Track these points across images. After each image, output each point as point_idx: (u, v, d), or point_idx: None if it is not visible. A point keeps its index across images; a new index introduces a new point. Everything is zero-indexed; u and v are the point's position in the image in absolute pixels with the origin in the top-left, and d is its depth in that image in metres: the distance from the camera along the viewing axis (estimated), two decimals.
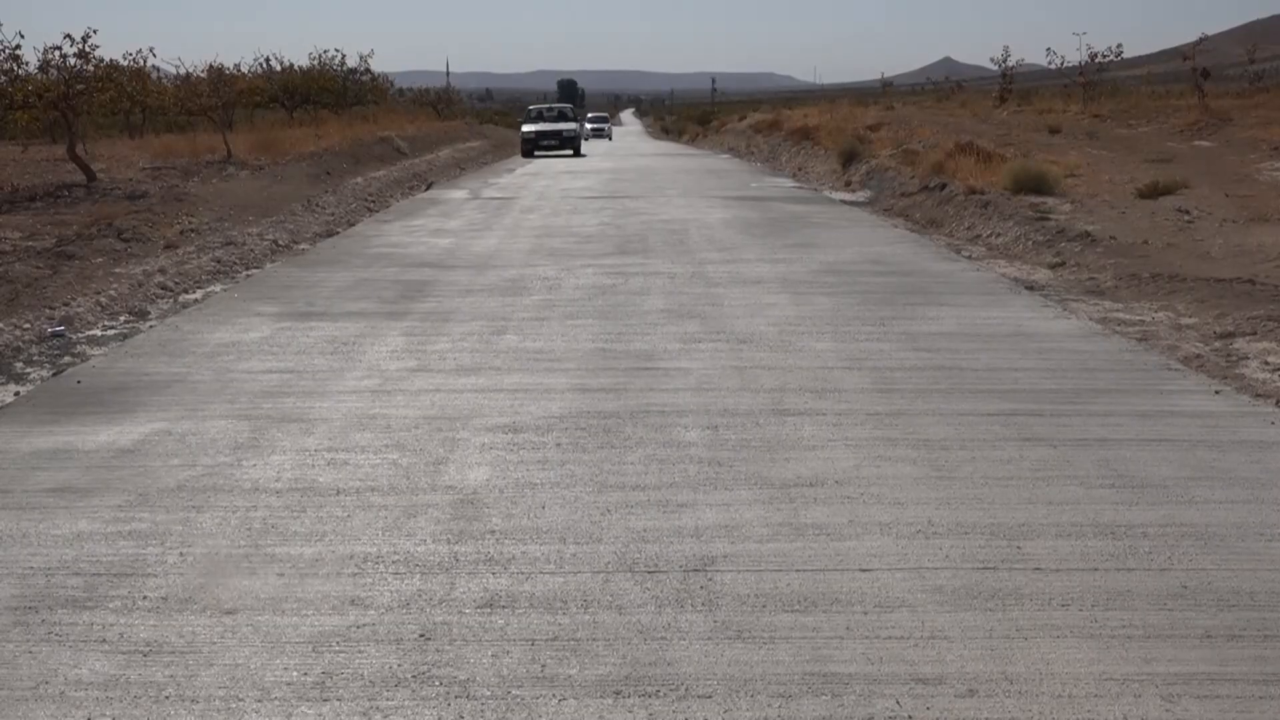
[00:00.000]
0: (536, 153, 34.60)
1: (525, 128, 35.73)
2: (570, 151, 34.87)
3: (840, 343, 7.17)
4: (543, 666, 3.21)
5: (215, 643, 3.39)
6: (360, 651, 3.32)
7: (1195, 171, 14.60)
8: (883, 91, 44.33)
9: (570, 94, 52.37)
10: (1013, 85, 32.73)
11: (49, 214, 13.08)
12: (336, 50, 37.95)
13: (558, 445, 5.20)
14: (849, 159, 20.50)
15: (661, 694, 3.07)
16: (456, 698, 3.07)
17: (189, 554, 4.04)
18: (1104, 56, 29.96)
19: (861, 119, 26.91)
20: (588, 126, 57.04)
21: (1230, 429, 5.32)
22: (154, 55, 21.89)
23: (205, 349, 7.33)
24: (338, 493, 4.63)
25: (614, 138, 60.09)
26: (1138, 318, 7.92)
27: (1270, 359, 6.60)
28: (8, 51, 16.33)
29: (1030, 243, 11.18)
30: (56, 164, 19.66)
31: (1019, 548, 3.99)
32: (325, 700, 3.07)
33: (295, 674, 3.20)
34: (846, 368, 6.54)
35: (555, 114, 38.64)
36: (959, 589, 3.67)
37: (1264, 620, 3.45)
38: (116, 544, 4.14)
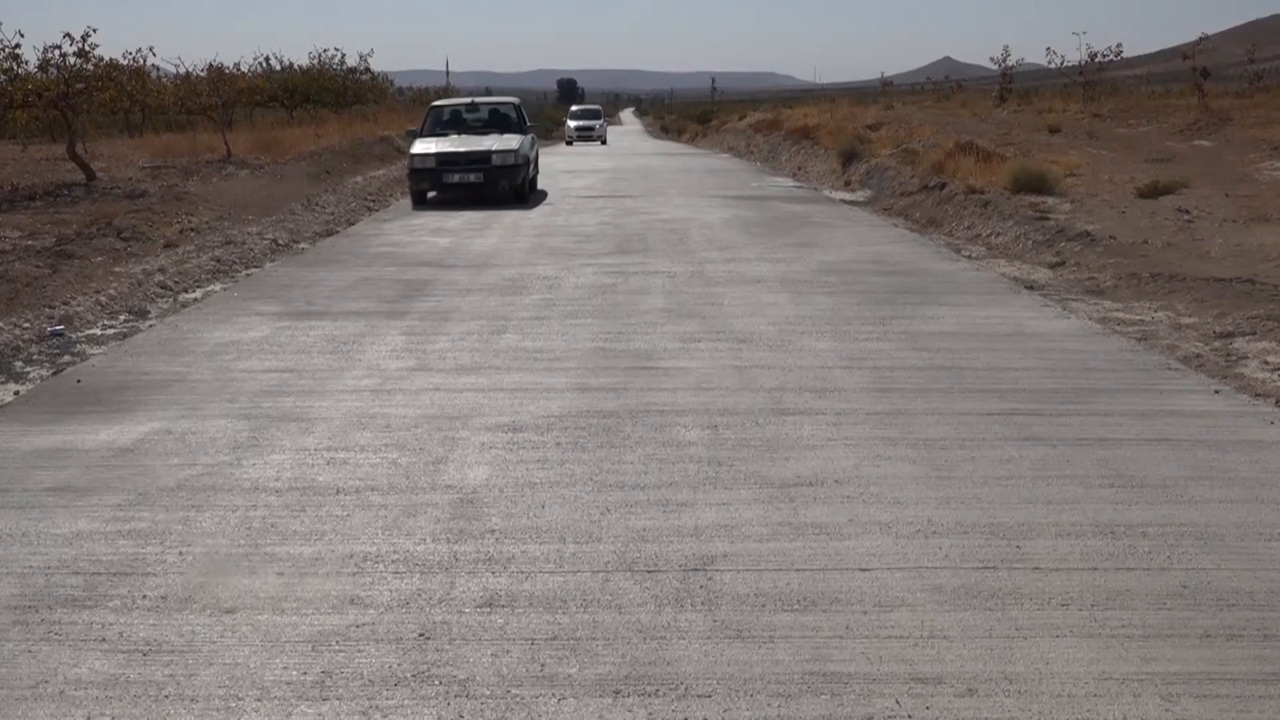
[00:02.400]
0: (447, 193, 16.90)
1: (419, 148, 17.11)
2: (505, 185, 16.71)
3: (840, 342, 7.17)
4: (542, 666, 3.21)
5: (215, 642, 3.39)
6: (360, 651, 3.32)
7: (1195, 171, 14.60)
8: (882, 91, 44.29)
9: (570, 93, 47.37)
10: (1012, 85, 32.75)
11: (49, 213, 13.08)
12: (336, 50, 37.98)
13: (557, 444, 5.20)
14: (849, 158, 20.50)
15: (661, 693, 3.07)
16: (456, 697, 3.07)
17: (188, 553, 4.04)
18: (1104, 56, 30.02)
19: (861, 118, 26.91)
20: (572, 125, 45.77)
21: (1230, 428, 5.32)
22: (154, 54, 22.04)
23: (205, 348, 7.33)
24: (337, 492, 4.63)
25: (613, 138, 49.94)
26: (1137, 317, 7.93)
27: (1270, 358, 6.60)
28: (7, 50, 16.34)
29: (1030, 242, 11.18)
30: (56, 163, 19.66)
31: (1018, 547, 3.99)
32: (325, 700, 3.07)
33: (295, 673, 3.20)
34: (846, 367, 6.54)
35: (484, 117, 19.12)
36: (959, 588, 3.67)
37: (1263, 620, 3.45)
38: (116, 543, 4.14)
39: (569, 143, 43.97)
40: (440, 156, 16.58)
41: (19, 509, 4.50)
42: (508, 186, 16.58)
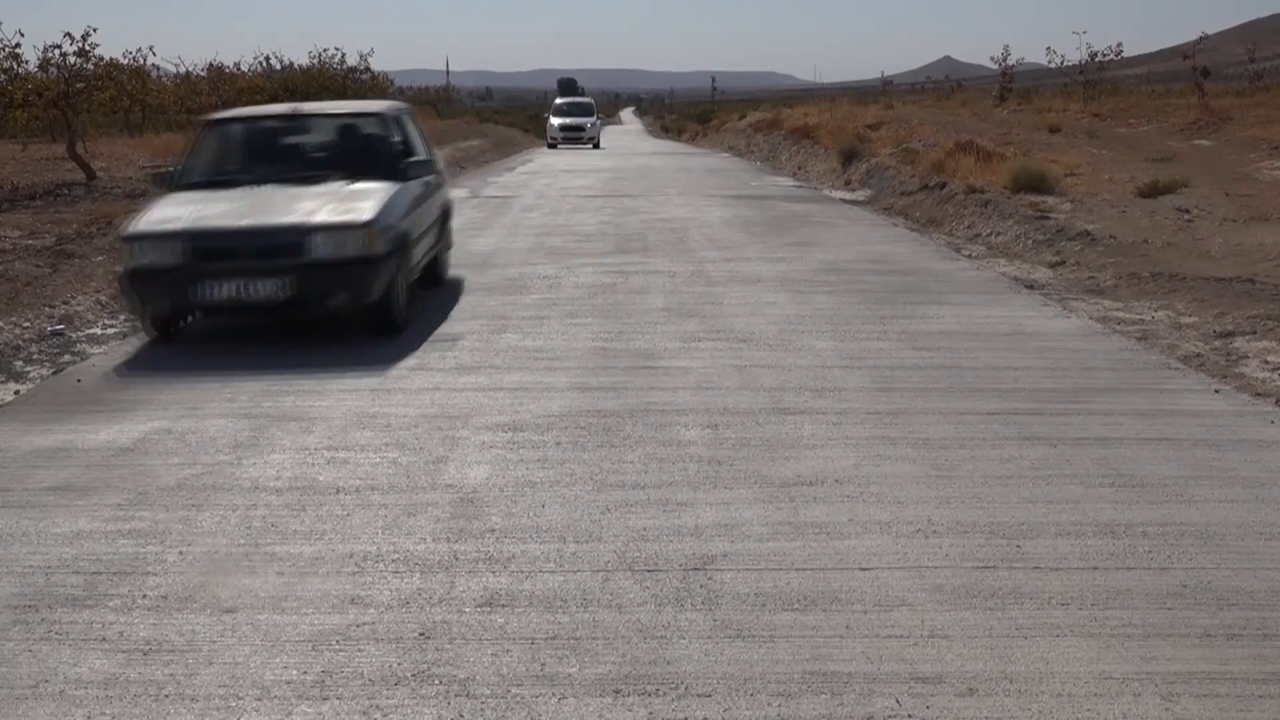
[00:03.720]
0: (212, 316, 7.71)
1: (155, 217, 7.35)
2: (343, 303, 7.24)
3: (840, 341, 7.17)
4: (542, 665, 3.22)
5: (215, 641, 3.39)
6: (360, 650, 3.32)
7: (1195, 170, 14.60)
8: (883, 90, 44.29)
9: (570, 91, 45.59)
10: (1013, 84, 32.77)
11: (49, 212, 13.08)
12: (336, 49, 37.97)
13: (557, 444, 5.20)
14: (849, 158, 20.50)
15: (661, 693, 3.07)
16: (456, 696, 3.07)
17: (189, 553, 4.04)
18: (1104, 55, 30.05)
19: (861, 118, 26.91)
20: (556, 123, 39.02)
21: (1230, 428, 5.32)
22: (154, 54, 22.04)
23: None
24: (337, 491, 4.63)
25: (612, 138, 46.69)
26: (1137, 317, 7.92)
27: (1270, 358, 6.60)
28: (8, 50, 16.35)
29: (1030, 241, 11.18)
30: (56, 162, 19.66)
31: (1019, 547, 3.99)
32: (325, 699, 3.07)
33: (295, 672, 3.20)
34: (846, 366, 6.54)
35: (326, 143, 9.17)
36: (959, 588, 3.67)
37: (1263, 619, 3.45)
38: (116, 542, 4.14)
39: (552, 145, 37.51)
40: (196, 240, 7.11)
41: (19, 508, 4.50)
42: (349, 305, 7.30)
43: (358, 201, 7.51)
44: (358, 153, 8.65)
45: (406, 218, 7.88)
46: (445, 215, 9.78)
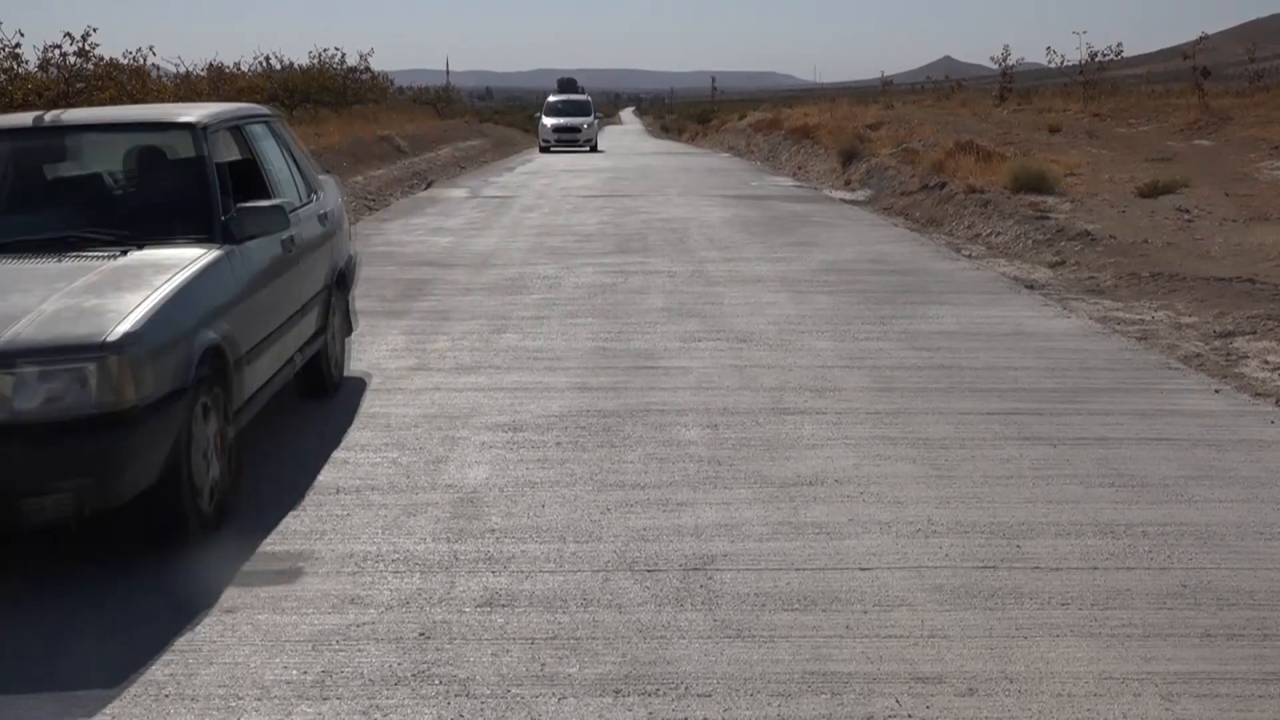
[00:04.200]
0: None
1: None
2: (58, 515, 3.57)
3: (840, 341, 7.17)
4: (542, 665, 3.21)
5: (215, 641, 3.38)
6: (360, 650, 3.32)
7: (1195, 170, 14.60)
8: (883, 90, 44.22)
9: (570, 90, 44.67)
10: (1013, 84, 32.75)
11: None
12: (336, 49, 37.92)
13: (557, 444, 5.20)
14: (849, 158, 20.49)
15: (661, 693, 3.07)
16: (456, 696, 3.06)
17: (188, 551, 4.03)
18: (1104, 55, 30.03)
19: (861, 118, 26.90)
20: (549, 123, 35.26)
21: (1230, 428, 5.32)
22: (154, 54, 21.98)
23: None
24: (337, 491, 4.63)
25: (613, 138, 45.13)
26: (1137, 317, 7.92)
27: (1270, 358, 6.60)
28: (7, 50, 16.38)
29: (1030, 241, 11.18)
30: None
31: (1019, 547, 3.99)
32: (325, 699, 3.06)
33: (295, 672, 3.20)
34: (846, 366, 6.54)
35: (72, 177, 5.41)
36: (959, 588, 3.67)
37: (1263, 619, 3.45)
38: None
39: (545, 148, 34.03)
40: None
41: None
42: (83, 508, 3.59)
43: (114, 294, 3.97)
44: (153, 195, 5.17)
45: (231, 312, 4.42)
46: (339, 281, 6.29)
